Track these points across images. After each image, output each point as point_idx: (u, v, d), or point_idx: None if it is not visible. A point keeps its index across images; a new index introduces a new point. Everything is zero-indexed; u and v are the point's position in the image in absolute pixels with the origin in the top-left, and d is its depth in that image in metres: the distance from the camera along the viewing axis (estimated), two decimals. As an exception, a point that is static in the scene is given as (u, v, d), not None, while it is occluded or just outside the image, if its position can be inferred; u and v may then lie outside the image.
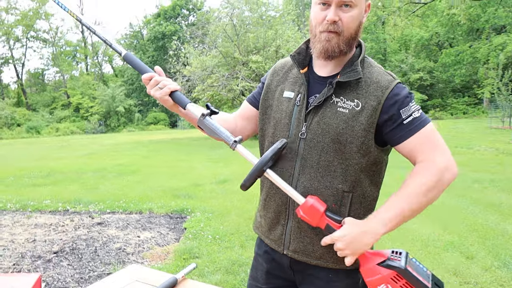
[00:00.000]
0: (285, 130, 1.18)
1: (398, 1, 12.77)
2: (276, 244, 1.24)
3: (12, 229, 4.37)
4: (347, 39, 1.09)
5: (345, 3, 1.04)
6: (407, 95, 1.09)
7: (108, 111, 36.31)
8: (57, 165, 10.37)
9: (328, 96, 1.11)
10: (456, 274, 3.10)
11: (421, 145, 1.07)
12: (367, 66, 1.14)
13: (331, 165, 1.11)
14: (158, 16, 43.91)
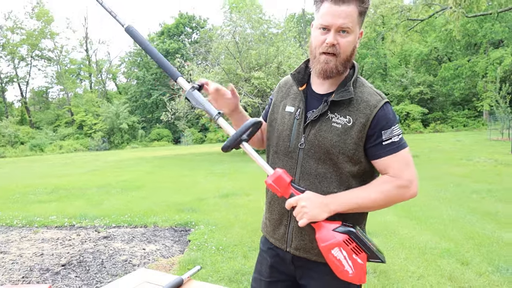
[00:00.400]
0: (286, 140, 1.34)
1: (396, 19, 13.07)
2: (279, 242, 1.39)
3: (20, 244, 4.49)
4: (344, 60, 1.24)
5: (342, 29, 1.20)
6: (391, 118, 1.24)
7: (111, 128, 36.64)
8: (62, 182, 10.51)
9: (323, 112, 1.27)
10: (451, 279, 3.19)
11: (394, 164, 1.23)
12: (359, 86, 1.29)
13: (327, 172, 1.27)
14: (162, 34, 44.65)
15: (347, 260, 1.15)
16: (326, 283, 1.31)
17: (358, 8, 1.19)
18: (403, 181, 1.21)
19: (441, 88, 31.92)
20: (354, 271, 1.15)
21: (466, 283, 3.14)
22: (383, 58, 35.27)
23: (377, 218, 5.25)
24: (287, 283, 1.44)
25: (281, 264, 1.42)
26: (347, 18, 1.18)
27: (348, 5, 1.18)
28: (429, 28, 32.94)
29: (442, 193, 6.92)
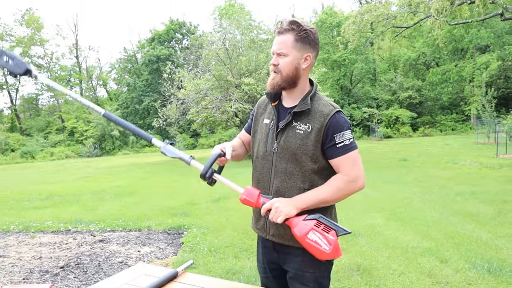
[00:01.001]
0: (263, 146, 1.67)
1: (382, 26, 13.40)
2: (261, 232, 1.72)
3: (18, 248, 4.62)
4: (286, 77, 1.56)
5: (279, 54, 1.54)
6: (341, 124, 1.53)
7: (103, 134, 36.57)
8: (55, 188, 10.59)
9: (289, 122, 1.58)
10: (430, 276, 3.41)
11: (345, 163, 1.53)
12: (316, 99, 1.60)
13: (294, 170, 1.57)
14: (152, 40, 44.70)
15: (322, 239, 1.40)
16: (302, 263, 1.60)
17: (294, 37, 1.52)
18: (351, 177, 1.52)
19: (429, 93, 32.43)
20: (331, 247, 1.39)
21: (443, 278, 3.36)
22: (372, 64, 35.72)
23: (365, 221, 5.47)
24: (277, 272, 1.73)
25: (268, 253, 1.73)
26: (282, 44, 1.53)
27: (285, 35, 1.53)
28: (417, 33, 33.52)
29: (427, 196, 7.17)
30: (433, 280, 3.32)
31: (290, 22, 1.53)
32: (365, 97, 35.03)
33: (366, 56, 34.14)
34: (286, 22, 1.53)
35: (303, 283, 1.60)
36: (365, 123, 32.72)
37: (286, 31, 1.52)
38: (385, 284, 3.27)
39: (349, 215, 5.84)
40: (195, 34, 43.27)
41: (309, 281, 1.60)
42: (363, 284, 3.29)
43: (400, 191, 7.70)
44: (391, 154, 16.17)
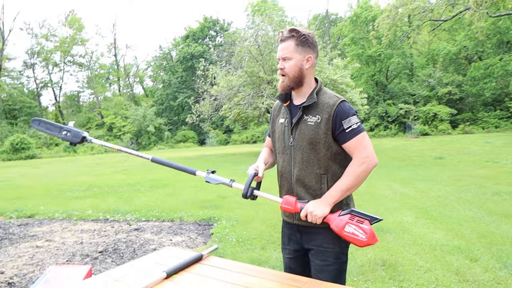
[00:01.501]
0: (282, 142, 1.87)
1: (418, 20, 13.01)
2: (288, 218, 1.90)
3: (62, 234, 4.97)
4: (293, 78, 1.77)
5: (284, 58, 1.75)
6: (347, 111, 1.71)
7: (139, 130, 37.79)
8: (95, 180, 11.15)
9: (300, 116, 1.78)
10: (457, 274, 3.38)
11: (355, 146, 1.70)
12: (322, 93, 1.80)
13: (310, 158, 1.76)
14: (187, 38, 45.59)
15: (357, 230, 1.56)
16: (323, 240, 1.77)
17: (295, 42, 1.73)
18: (363, 159, 1.68)
19: (470, 88, 31.09)
20: (367, 235, 1.55)
21: (471, 277, 3.32)
22: (409, 58, 34.68)
23: (394, 218, 5.44)
24: (301, 252, 1.89)
25: (293, 234, 1.90)
26: (285, 50, 1.75)
27: (286, 42, 1.75)
28: (458, 26, 32.20)
29: (462, 194, 6.98)
30: (460, 278, 3.29)
31: (290, 30, 1.74)
32: (402, 93, 34.10)
33: (403, 51, 33.19)
34: (286, 31, 1.75)
35: (324, 258, 1.77)
36: (401, 119, 31.88)
37: (287, 38, 1.74)
38: (410, 280, 3.28)
39: (379, 212, 5.81)
40: (228, 31, 43.70)
41: (329, 256, 1.76)
42: (387, 279, 3.32)
43: (433, 189, 7.54)
44: (426, 152, 15.73)
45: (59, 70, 47.23)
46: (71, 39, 45.23)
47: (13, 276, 3.51)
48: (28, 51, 44.78)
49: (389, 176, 9.53)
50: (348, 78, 17.35)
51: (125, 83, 51.28)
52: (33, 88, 46.14)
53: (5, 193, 9.11)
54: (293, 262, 1.94)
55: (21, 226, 5.57)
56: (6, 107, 40.82)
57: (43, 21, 62.35)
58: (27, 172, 16.23)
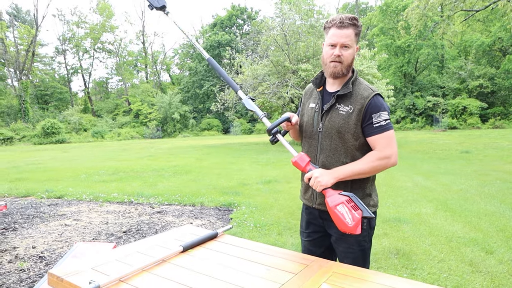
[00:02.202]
0: (310, 127, 1.90)
1: (448, 10, 12.60)
2: (308, 201, 1.95)
3: (89, 214, 5.23)
4: (347, 66, 1.77)
5: (344, 46, 1.73)
6: (379, 105, 1.73)
7: (165, 117, 38.43)
8: (121, 165, 11.53)
9: (332, 104, 1.80)
10: (470, 265, 3.39)
11: (380, 142, 1.73)
12: (357, 84, 1.81)
13: (337, 147, 1.79)
14: (214, 26, 45.73)
15: (348, 214, 1.58)
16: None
17: (355, 31, 1.74)
18: (385, 154, 1.71)
19: (504, 82, 29.89)
20: (353, 222, 1.57)
21: (485, 268, 3.33)
22: (440, 49, 33.60)
23: (413, 209, 5.44)
24: (320, 234, 1.96)
25: (314, 219, 1.96)
26: (347, 38, 1.73)
27: (347, 29, 1.73)
28: (493, 17, 30.89)
29: (486, 189, 6.87)
30: (474, 269, 3.31)
31: (351, 18, 1.72)
32: (430, 85, 33.17)
33: (434, 42, 32.18)
34: (347, 18, 1.72)
35: (347, 245, 1.82)
36: (429, 112, 31.09)
37: (349, 26, 1.72)
38: (422, 268, 3.32)
39: (398, 202, 5.82)
40: (255, 19, 43.52)
41: (352, 244, 1.81)
42: (400, 267, 3.37)
43: (455, 183, 7.44)
44: (453, 146, 15.38)
45: (89, 57, 48.45)
46: (101, 26, 46.19)
47: (44, 251, 3.76)
48: (60, 38, 46.13)
49: (411, 169, 9.43)
50: (375, 69, 17.08)
51: (152, 70, 52.06)
52: (64, 74, 47.57)
53: (37, 175, 9.58)
54: (311, 244, 2.00)
55: (51, 206, 5.89)
56: (38, 92, 42.33)
57: (74, 8, 63.90)
58: (57, 155, 16.91)
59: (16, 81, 38.86)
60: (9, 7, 42.18)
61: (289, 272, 1.46)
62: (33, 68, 40.49)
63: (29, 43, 38.10)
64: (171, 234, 2.01)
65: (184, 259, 1.61)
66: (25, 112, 35.26)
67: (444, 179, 7.95)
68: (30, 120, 35.00)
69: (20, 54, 38.31)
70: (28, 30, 37.85)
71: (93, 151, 19.22)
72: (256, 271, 1.48)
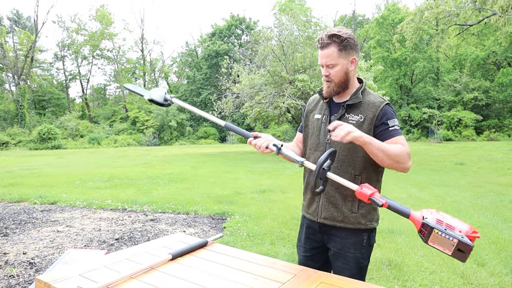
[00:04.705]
0: (316, 138, 1.85)
1: (443, 24, 12.78)
2: (312, 216, 1.87)
3: (82, 221, 5.21)
4: (339, 83, 1.75)
5: (328, 66, 1.72)
6: (392, 112, 1.72)
7: (162, 125, 38.40)
8: (116, 172, 11.49)
9: (342, 114, 1.77)
10: (462, 277, 3.40)
11: (402, 142, 1.64)
12: (367, 94, 1.79)
13: (346, 158, 1.73)
14: (213, 35, 45.99)
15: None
16: (345, 244, 1.78)
17: (338, 47, 1.68)
18: (408, 152, 1.60)
19: (498, 95, 30.24)
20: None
21: (476, 280, 3.34)
22: (435, 62, 33.98)
23: (407, 220, 5.41)
24: (319, 249, 1.91)
25: (312, 234, 1.91)
26: (329, 57, 1.70)
27: (328, 48, 1.70)
28: (487, 31, 31.35)
29: (479, 201, 6.90)
30: (465, 281, 3.32)
31: (330, 36, 1.68)
32: (426, 97, 33.46)
33: (429, 55, 32.55)
34: (326, 36, 1.68)
35: (344, 262, 1.78)
36: (424, 124, 31.31)
37: (328, 44, 1.69)
38: (414, 280, 3.33)
39: (391, 213, 5.79)
40: (254, 29, 43.81)
41: (349, 261, 1.77)
42: (391, 278, 3.38)
43: (449, 194, 7.47)
44: (447, 157, 15.46)
45: (88, 63, 48.50)
46: (100, 34, 46.37)
47: (34, 257, 3.74)
48: (59, 44, 46.23)
49: (406, 180, 9.46)
50: (371, 80, 17.22)
51: (150, 78, 52.16)
52: (62, 80, 47.57)
53: (31, 181, 9.53)
54: (309, 259, 1.93)
55: (44, 212, 5.87)
56: (35, 97, 42.24)
57: (74, 15, 64.14)
58: (52, 161, 16.84)
59: (14, 86, 38.83)
60: (10, 13, 42.31)
61: (276, 282, 1.47)
62: (31, 74, 40.48)
63: (28, 48, 38.15)
64: (160, 242, 2.01)
65: (173, 267, 1.62)
66: (22, 117, 35.14)
67: (438, 190, 7.98)
68: (26, 125, 34.87)
69: (19, 59, 38.32)
70: (28, 35, 37.91)
71: (89, 158, 19.16)
72: (244, 280, 1.49)
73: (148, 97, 2.04)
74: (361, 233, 1.75)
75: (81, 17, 66.89)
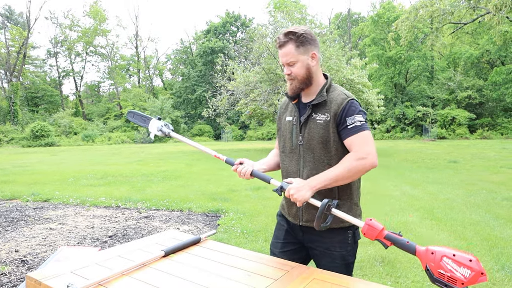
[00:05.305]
0: (289, 141, 1.82)
1: (437, 22, 12.83)
2: (293, 218, 1.84)
3: (75, 218, 5.18)
4: (301, 80, 1.73)
5: (288, 64, 1.71)
6: (353, 109, 1.66)
7: (156, 122, 38.21)
8: (110, 169, 11.44)
9: (309, 114, 1.74)
10: (453, 273, 3.42)
11: (355, 142, 1.63)
12: (332, 90, 1.75)
13: (319, 158, 1.71)
14: (208, 33, 45.83)
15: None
16: (331, 243, 1.75)
17: (295, 44, 1.68)
18: (361, 154, 1.58)
19: (491, 93, 30.50)
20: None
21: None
22: (430, 61, 34.15)
23: (399, 218, 5.48)
24: (297, 246, 1.88)
25: (293, 230, 1.87)
26: (287, 56, 1.70)
27: (285, 47, 1.70)
28: (482, 30, 31.56)
29: (472, 198, 6.95)
30: (457, 278, 3.34)
31: (286, 34, 1.69)
32: (420, 96, 33.66)
33: (424, 53, 32.71)
34: (282, 35, 1.70)
35: (330, 260, 1.75)
36: (418, 122, 31.49)
37: (286, 43, 1.69)
38: (406, 276, 3.35)
39: (385, 210, 5.86)
40: (249, 27, 43.70)
41: (336, 259, 1.74)
42: (384, 275, 3.39)
43: (442, 192, 7.52)
44: (441, 155, 15.56)
45: (81, 60, 48.24)
46: (94, 30, 46.06)
47: (27, 255, 3.71)
48: (52, 40, 45.88)
49: (400, 178, 9.51)
50: (365, 78, 17.26)
51: (145, 75, 51.93)
52: (55, 76, 47.24)
53: (23, 178, 9.46)
54: (286, 254, 1.87)
55: (37, 209, 5.83)
56: (28, 94, 41.91)
57: (67, 11, 63.71)
58: (45, 159, 16.72)
59: (6, 83, 38.49)
60: (2, 9, 41.86)
61: (269, 278, 1.47)
62: (24, 70, 40.15)
63: (20, 45, 37.80)
64: (153, 239, 2.00)
65: (165, 264, 1.61)
66: (15, 114, 34.85)
67: (431, 188, 8.03)
68: (19, 122, 34.60)
69: (11, 56, 37.98)
70: (20, 32, 37.56)
71: (83, 155, 19.05)
72: (236, 276, 1.49)
73: (148, 127, 2.21)
74: (346, 231, 1.73)
75: (74, 13, 66.33)
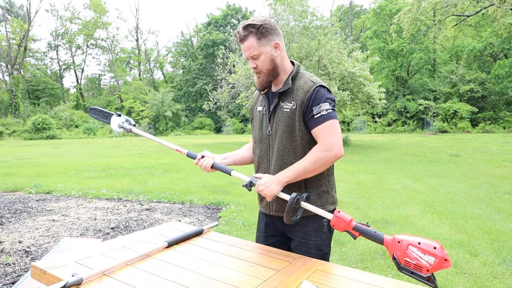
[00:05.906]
0: (259, 131, 1.82)
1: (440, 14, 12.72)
2: (264, 209, 1.87)
3: (77, 210, 5.21)
4: (267, 73, 1.70)
5: (252, 57, 1.68)
6: (320, 97, 1.63)
7: (157, 115, 38.26)
8: (112, 162, 11.47)
9: (276, 103, 1.73)
10: (454, 266, 3.44)
11: (321, 132, 1.62)
12: (299, 78, 1.72)
13: (285, 147, 1.70)
14: (209, 25, 45.60)
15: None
16: (305, 232, 1.75)
17: (256, 36, 1.65)
18: (326, 146, 1.59)
19: (494, 87, 30.31)
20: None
21: (468, 270, 3.38)
22: (432, 54, 33.94)
23: (400, 211, 5.49)
24: (279, 237, 1.87)
25: (272, 223, 1.87)
26: (250, 49, 1.67)
27: (246, 40, 1.66)
28: (485, 22, 31.30)
29: (473, 192, 6.96)
30: (458, 270, 3.36)
31: (245, 27, 1.65)
32: (422, 89, 33.51)
33: (426, 46, 32.50)
34: (241, 29, 1.66)
35: (306, 250, 1.74)
36: (420, 116, 31.40)
37: (246, 36, 1.66)
38: (407, 269, 3.36)
39: (386, 204, 5.87)
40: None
41: (311, 248, 1.73)
42: (385, 267, 3.41)
43: (443, 186, 7.52)
44: (443, 149, 15.54)
45: (82, 53, 48.11)
46: (94, 23, 45.88)
47: (30, 246, 3.73)
48: (52, 33, 45.73)
49: (401, 171, 9.52)
50: (367, 71, 17.17)
51: (145, 68, 51.80)
52: (56, 69, 47.15)
53: (26, 170, 9.49)
54: (272, 247, 1.84)
55: (39, 201, 5.85)
56: (29, 87, 41.88)
57: (68, 3, 63.36)
58: (47, 151, 16.76)
59: (7, 76, 38.44)
60: (2, 1, 41.68)
61: (272, 269, 1.48)
62: (25, 63, 40.08)
63: (21, 37, 37.69)
64: (156, 230, 2.01)
65: (169, 254, 1.62)
66: (16, 107, 34.87)
67: (432, 181, 8.04)
68: (20, 115, 34.62)
69: (12, 48, 37.89)
70: (21, 24, 37.43)
71: (84, 148, 19.08)
72: (239, 267, 1.50)
73: (110, 124, 2.18)
74: (322, 219, 1.69)
75: (75, 6, 66.09)
